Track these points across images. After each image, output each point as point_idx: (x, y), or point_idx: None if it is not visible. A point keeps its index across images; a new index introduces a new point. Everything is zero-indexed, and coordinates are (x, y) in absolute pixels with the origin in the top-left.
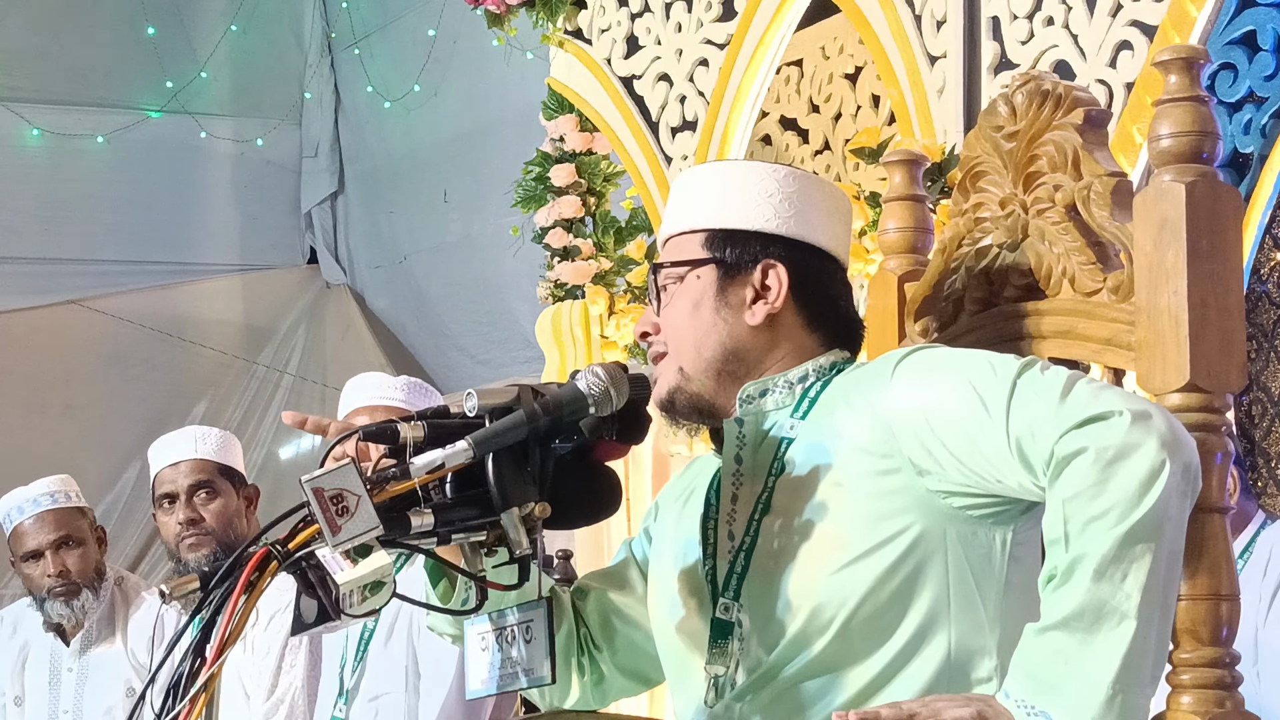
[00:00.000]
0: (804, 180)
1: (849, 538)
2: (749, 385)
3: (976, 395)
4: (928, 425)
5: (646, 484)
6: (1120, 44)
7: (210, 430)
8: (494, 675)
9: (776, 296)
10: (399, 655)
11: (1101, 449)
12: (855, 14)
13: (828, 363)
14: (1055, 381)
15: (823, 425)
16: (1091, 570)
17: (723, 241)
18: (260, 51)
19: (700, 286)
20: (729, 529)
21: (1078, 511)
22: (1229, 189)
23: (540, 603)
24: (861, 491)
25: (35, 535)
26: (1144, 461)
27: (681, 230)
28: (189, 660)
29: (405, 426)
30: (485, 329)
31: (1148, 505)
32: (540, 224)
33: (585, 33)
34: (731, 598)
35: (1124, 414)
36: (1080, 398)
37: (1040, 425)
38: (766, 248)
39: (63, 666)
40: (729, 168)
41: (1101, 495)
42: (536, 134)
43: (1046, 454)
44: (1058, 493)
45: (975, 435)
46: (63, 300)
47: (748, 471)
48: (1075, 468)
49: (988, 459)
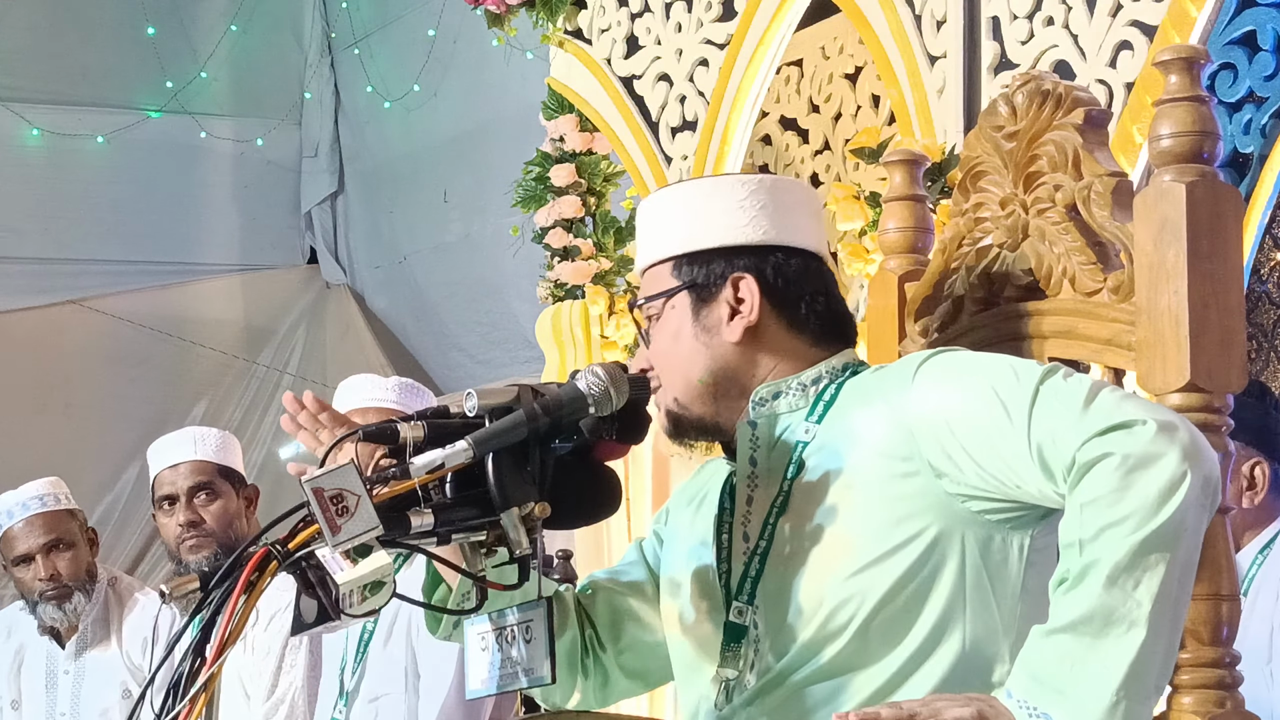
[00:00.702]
0: (764, 182)
1: (865, 542)
2: (761, 388)
3: (999, 400)
4: (948, 428)
5: (646, 484)
6: (1120, 44)
7: (209, 431)
8: (494, 675)
9: (751, 309)
10: (398, 656)
11: (1124, 456)
12: (855, 14)
13: (840, 364)
14: (1079, 389)
15: (839, 428)
16: (1104, 576)
17: (689, 265)
18: (260, 51)
19: (677, 316)
20: (743, 531)
21: (1095, 517)
22: (1229, 189)
23: (540, 603)
24: (879, 495)
25: (25, 539)
26: (1165, 471)
27: (649, 264)
28: (189, 660)
29: (405, 426)
30: (485, 329)
31: (1166, 514)
32: (540, 224)
33: (585, 33)
34: (745, 601)
35: (1148, 423)
36: (1104, 405)
37: (1062, 432)
38: (733, 261)
39: (59, 669)
40: (683, 190)
41: (1120, 502)
42: (536, 134)
43: (1068, 460)
44: (1077, 498)
45: (996, 439)
46: (63, 300)
47: (762, 474)
48: (1096, 474)
49: (1008, 463)
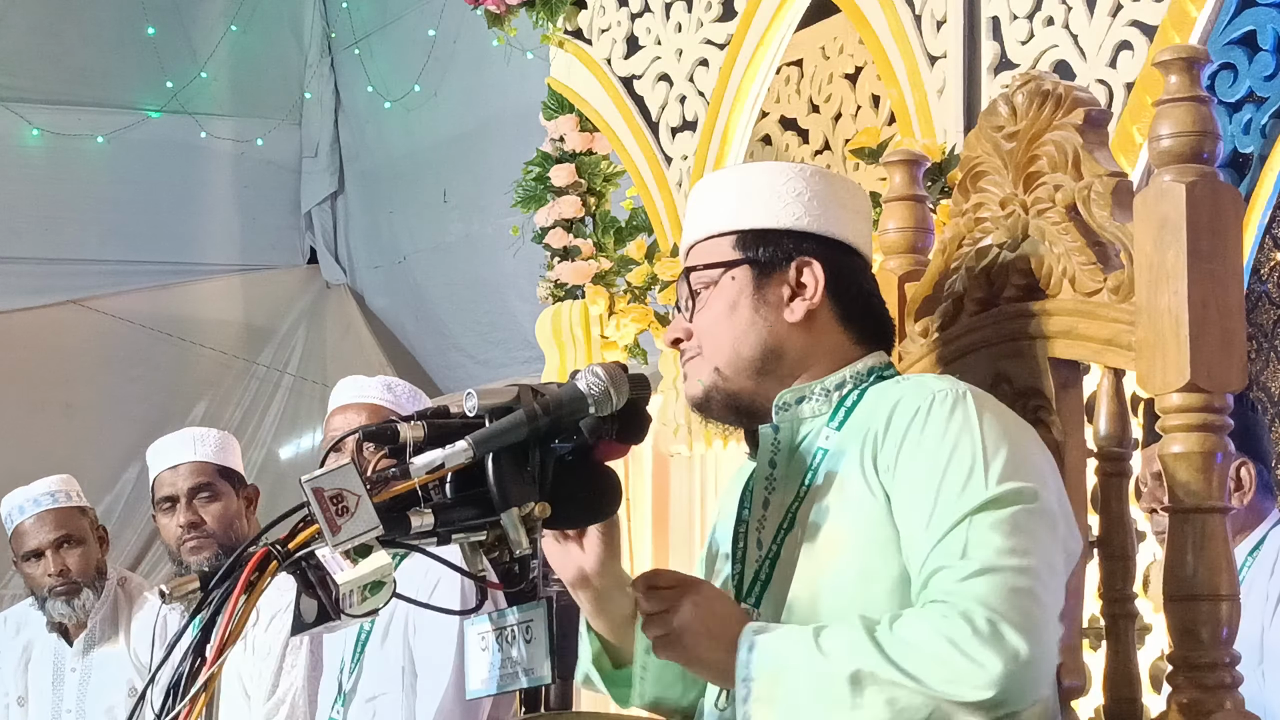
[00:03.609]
0: (828, 178)
1: (866, 557)
2: (785, 393)
3: (943, 483)
4: (900, 466)
5: (646, 484)
6: (1120, 44)
7: (209, 431)
8: (494, 675)
9: (814, 293)
10: (395, 656)
11: (961, 638)
12: (855, 14)
13: (865, 369)
14: (999, 548)
15: (856, 439)
16: (876, 673)
17: (754, 241)
18: (260, 51)
19: (736, 287)
20: (758, 536)
21: (909, 637)
22: (1229, 189)
23: (540, 603)
24: (881, 512)
25: (36, 535)
26: (966, 683)
27: (708, 235)
28: (189, 660)
29: (405, 427)
30: (485, 329)
31: (932, 703)
32: (540, 224)
33: (585, 33)
34: (753, 604)
35: (1004, 640)
36: (992, 586)
37: (951, 567)
38: (799, 245)
39: (66, 666)
40: (749, 170)
41: (923, 659)
42: (536, 134)
43: (934, 585)
44: (921, 612)
45: (919, 506)
46: (63, 300)
47: (780, 479)
48: (937, 620)
49: (911, 526)
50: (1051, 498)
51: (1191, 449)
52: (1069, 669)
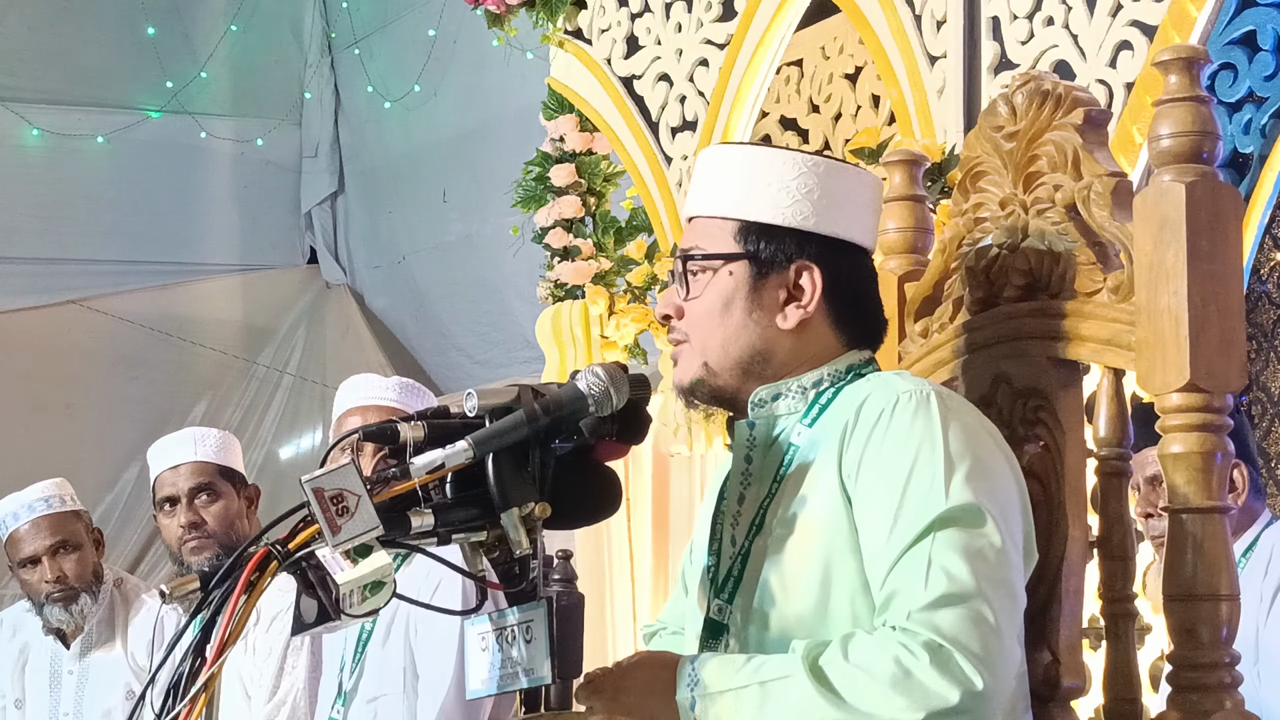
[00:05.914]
0: (840, 172)
1: (829, 563)
2: (761, 390)
3: (904, 493)
4: (860, 470)
5: (646, 484)
6: (1120, 44)
7: (209, 431)
8: (494, 675)
9: (810, 300)
10: (396, 656)
11: (914, 667)
12: (855, 14)
13: (844, 366)
14: (958, 577)
15: (828, 436)
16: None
17: (757, 236)
18: (260, 51)
19: (732, 284)
20: (732, 533)
21: (861, 663)
22: (1229, 189)
23: (540, 603)
24: (845, 514)
25: (31, 541)
26: (917, 701)
27: (711, 214)
28: (189, 660)
29: (405, 427)
30: (485, 329)
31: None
32: (540, 224)
33: (585, 33)
34: (726, 599)
35: (961, 675)
36: (954, 620)
37: (912, 588)
38: (801, 247)
39: (63, 669)
40: (761, 155)
41: (878, 685)
42: (536, 134)
43: (893, 607)
44: (877, 636)
45: (881, 519)
46: (63, 300)
47: (756, 473)
48: (890, 645)
49: (870, 532)
50: (1014, 512)
51: (1191, 449)
52: (1069, 669)
